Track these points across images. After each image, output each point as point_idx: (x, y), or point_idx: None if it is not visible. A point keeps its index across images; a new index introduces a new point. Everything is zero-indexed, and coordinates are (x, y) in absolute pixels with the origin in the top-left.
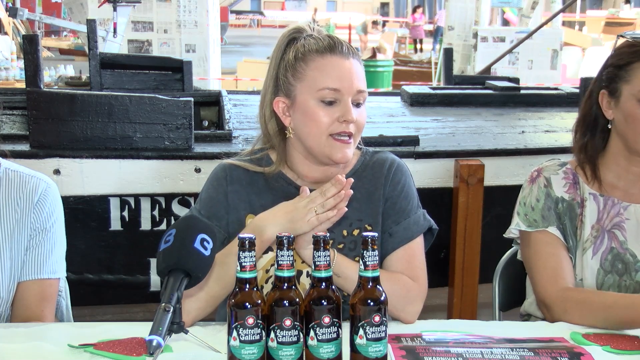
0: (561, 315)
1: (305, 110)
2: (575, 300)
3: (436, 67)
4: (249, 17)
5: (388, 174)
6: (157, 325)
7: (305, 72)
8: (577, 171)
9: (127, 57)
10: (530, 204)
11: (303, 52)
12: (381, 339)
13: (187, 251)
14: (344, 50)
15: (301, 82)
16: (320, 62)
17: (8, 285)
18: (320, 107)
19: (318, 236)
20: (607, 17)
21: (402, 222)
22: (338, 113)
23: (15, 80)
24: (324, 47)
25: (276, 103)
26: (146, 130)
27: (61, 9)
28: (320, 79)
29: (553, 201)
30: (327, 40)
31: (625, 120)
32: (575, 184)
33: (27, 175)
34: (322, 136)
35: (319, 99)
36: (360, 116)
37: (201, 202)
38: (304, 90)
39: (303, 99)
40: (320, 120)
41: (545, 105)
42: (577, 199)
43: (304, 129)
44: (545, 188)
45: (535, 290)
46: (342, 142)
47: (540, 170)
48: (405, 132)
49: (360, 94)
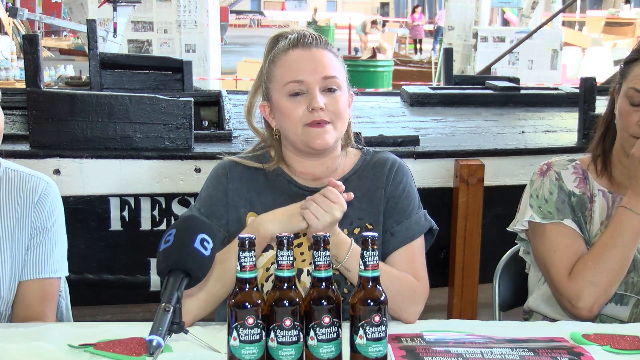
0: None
1: (279, 107)
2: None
3: (436, 67)
4: (249, 17)
5: (389, 174)
6: (157, 325)
7: (274, 72)
8: (586, 168)
9: (127, 57)
10: (544, 196)
11: (273, 56)
12: (381, 339)
13: (187, 251)
14: (307, 41)
15: (272, 82)
16: (284, 59)
17: (9, 285)
18: (289, 101)
19: (318, 236)
20: (607, 17)
21: (403, 222)
22: (306, 103)
23: (15, 80)
24: (289, 44)
25: (262, 108)
26: (146, 130)
27: (61, 9)
28: (284, 74)
29: (566, 194)
30: (294, 36)
31: (618, 116)
32: (585, 179)
33: (27, 175)
34: (298, 128)
35: (287, 94)
36: (332, 101)
37: (201, 201)
38: (275, 89)
39: (276, 98)
40: (292, 113)
41: (545, 105)
42: (587, 194)
43: (283, 125)
44: (557, 181)
45: (552, 283)
46: (317, 128)
47: (550, 165)
48: (405, 132)
49: (327, 80)
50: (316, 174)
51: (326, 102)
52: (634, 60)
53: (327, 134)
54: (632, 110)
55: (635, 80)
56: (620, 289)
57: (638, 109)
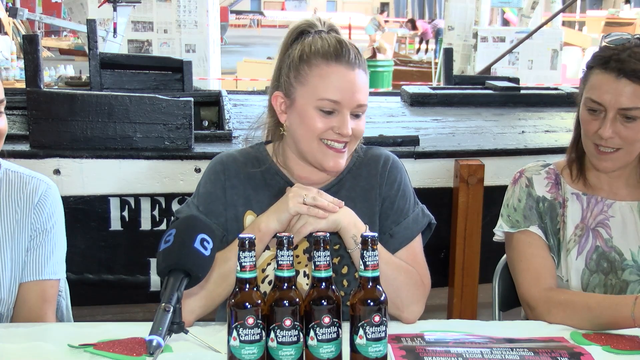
0: (545, 316)
1: (303, 114)
2: (558, 301)
3: (436, 67)
4: (249, 17)
5: (383, 172)
6: (157, 325)
7: (307, 77)
8: (561, 172)
9: (127, 57)
10: (513, 205)
11: (308, 55)
12: (381, 339)
13: (187, 251)
14: (350, 59)
15: (302, 86)
16: (325, 70)
17: (9, 287)
18: (317, 115)
19: (318, 236)
20: (607, 17)
21: (402, 223)
22: (334, 123)
23: (15, 80)
24: (330, 52)
25: (274, 98)
26: (146, 130)
27: (61, 9)
28: (321, 88)
29: (534, 200)
30: (334, 44)
31: (581, 123)
32: (557, 184)
33: (27, 176)
34: (314, 140)
35: (318, 108)
36: (357, 126)
37: (199, 197)
38: (304, 95)
39: (302, 103)
40: (315, 125)
41: (545, 105)
42: (558, 199)
43: (297, 131)
44: (527, 188)
45: (519, 292)
46: (335, 151)
47: (523, 172)
48: (405, 132)
49: (359, 108)
50: (314, 180)
51: (352, 126)
52: (590, 67)
53: (342, 158)
54: (591, 119)
55: (591, 90)
56: (600, 291)
57: (597, 117)
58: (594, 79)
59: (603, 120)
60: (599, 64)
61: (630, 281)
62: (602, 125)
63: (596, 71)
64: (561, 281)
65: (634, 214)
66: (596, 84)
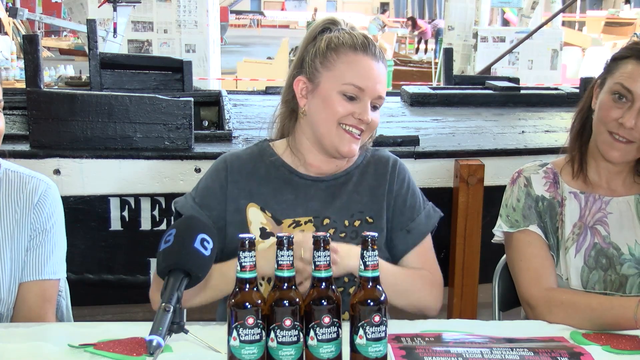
0: (545, 315)
1: (326, 98)
2: (559, 301)
3: (436, 67)
4: (249, 17)
5: (392, 172)
6: (157, 325)
7: (335, 63)
8: (559, 171)
9: (127, 57)
10: (512, 204)
11: (336, 44)
12: (381, 339)
13: (187, 251)
14: (376, 53)
15: (328, 71)
16: (353, 58)
17: (9, 286)
18: (340, 99)
19: (318, 236)
20: (607, 17)
21: (416, 219)
22: (356, 110)
23: (15, 80)
24: (358, 44)
25: (297, 82)
26: (146, 130)
27: (61, 9)
28: (348, 73)
29: (533, 200)
30: (361, 38)
31: (598, 110)
32: (555, 183)
33: (27, 176)
34: (334, 123)
35: (342, 92)
36: (374, 117)
37: (197, 190)
38: (330, 80)
39: (326, 87)
40: (337, 109)
41: (545, 105)
42: (557, 198)
43: (318, 115)
44: (526, 187)
45: (519, 291)
46: (351, 136)
47: (521, 171)
48: (405, 132)
49: (379, 99)
50: (323, 169)
51: (371, 116)
52: (623, 57)
53: (356, 144)
54: (614, 106)
55: (623, 76)
56: (600, 287)
57: (621, 106)
58: (629, 67)
59: (628, 110)
60: (637, 55)
61: (629, 275)
62: (625, 114)
63: (632, 61)
64: (561, 280)
65: (630, 209)
66: (631, 73)
